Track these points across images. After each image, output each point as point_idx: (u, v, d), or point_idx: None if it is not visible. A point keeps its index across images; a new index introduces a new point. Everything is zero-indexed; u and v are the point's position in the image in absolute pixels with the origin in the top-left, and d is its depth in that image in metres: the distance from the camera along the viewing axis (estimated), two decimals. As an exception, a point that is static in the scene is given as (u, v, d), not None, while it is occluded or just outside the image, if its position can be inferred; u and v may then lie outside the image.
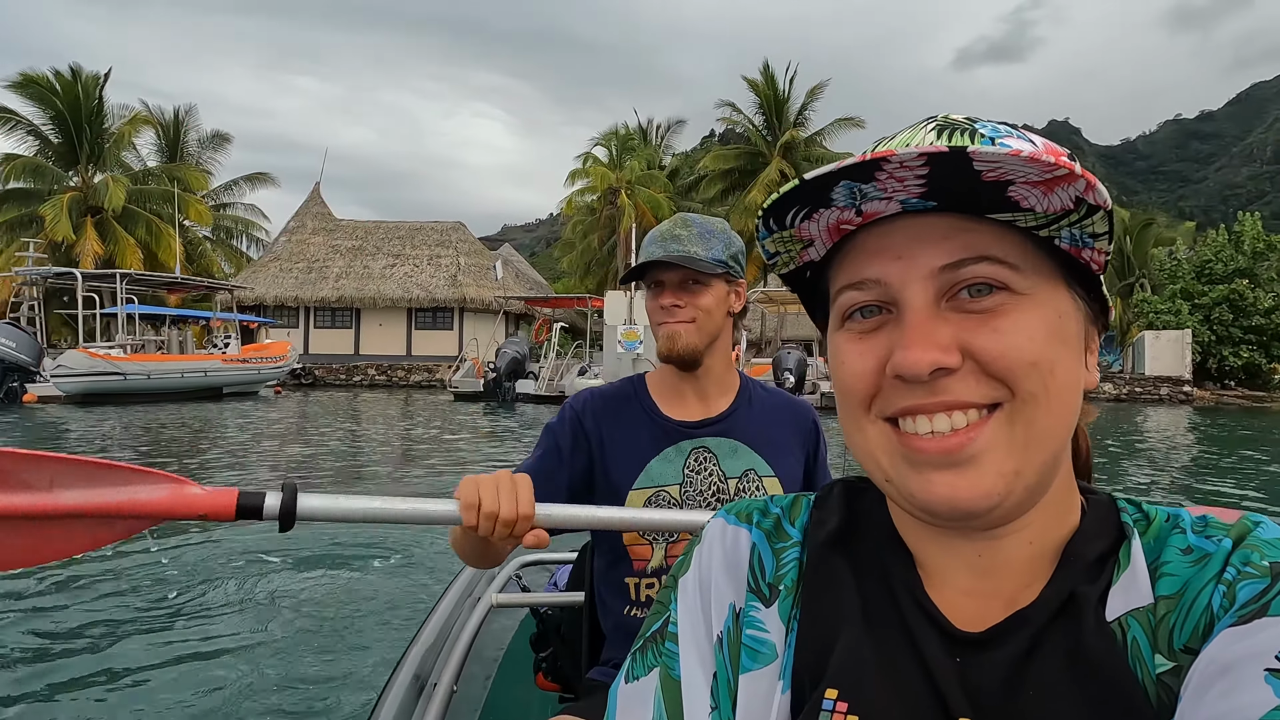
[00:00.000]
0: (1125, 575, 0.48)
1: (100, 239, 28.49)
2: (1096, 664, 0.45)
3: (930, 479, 0.47)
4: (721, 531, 0.60)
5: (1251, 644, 0.40)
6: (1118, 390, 26.81)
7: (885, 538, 0.55)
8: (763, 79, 35.75)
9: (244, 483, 6.53)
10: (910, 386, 0.47)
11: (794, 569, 0.56)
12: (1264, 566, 0.43)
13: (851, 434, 0.52)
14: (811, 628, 0.53)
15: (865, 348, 0.50)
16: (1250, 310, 27.17)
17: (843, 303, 0.51)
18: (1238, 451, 12.50)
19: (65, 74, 29.87)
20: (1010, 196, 0.45)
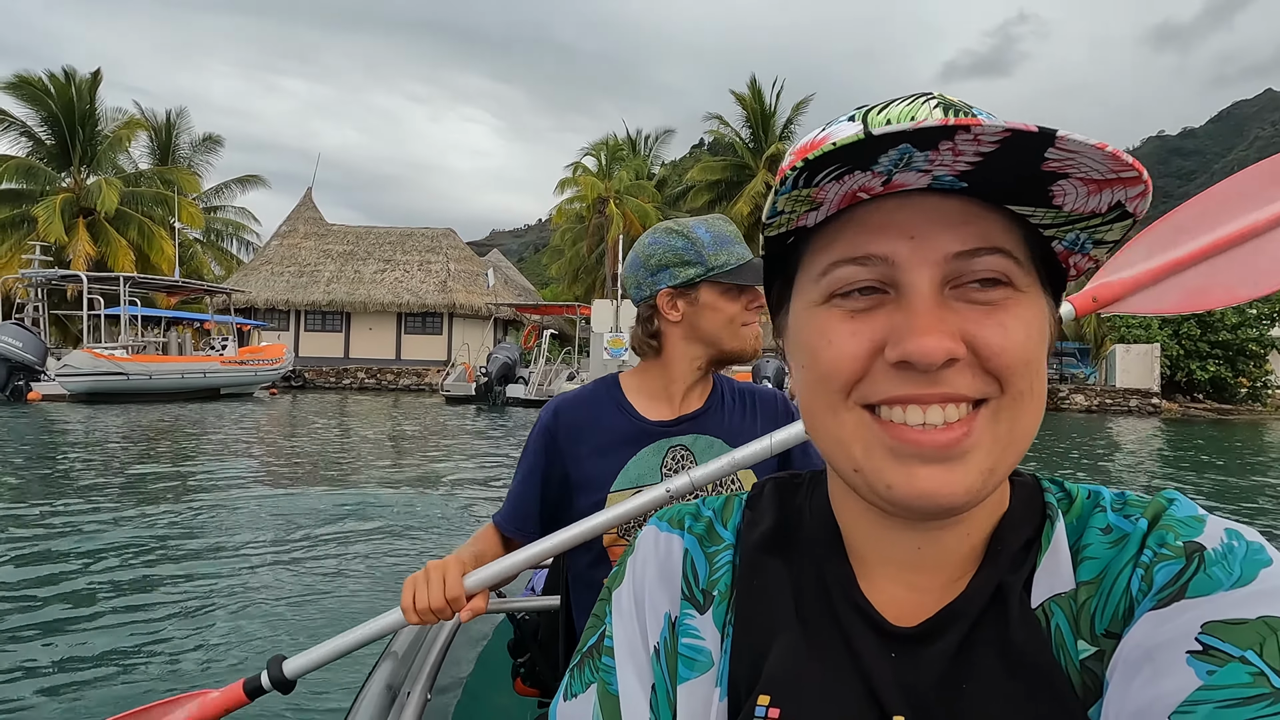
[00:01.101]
0: (1047, 560, 0.48)
1: (92, 240, 28.72)
2: (1024, 654, 0.45)
3: (914, 472, 0.45)
4: (654, 539, 0.59)
5: (1172, 628, 0.40)
6: (1089, 401, 27.63)
7: (819, 535, 0.55)
8: (750, 93, 36.47)
9: (259, 478, 7.04)
10: (907, 375, 0.45)
11: (727, 573, 0.56)
12: (1178, 547, 0.43)
13: (822, 419, 0.48)
14: (746, 633, 0.52)
15: (859, 328, 0.46)
16: (1217, 326, 28.04)
17: (838, 277, 0.46)
18: (1191, 457, 13.17)
19: (59, 76, 30.14)
20: (1051, 190, 0.43)
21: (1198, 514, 0.46)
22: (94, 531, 5.79)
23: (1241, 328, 27.86)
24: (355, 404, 22.23)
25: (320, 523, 6.35)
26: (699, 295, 1.43)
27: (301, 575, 4.93)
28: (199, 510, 6.75)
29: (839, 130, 0.45)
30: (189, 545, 5.56)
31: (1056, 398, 28.45)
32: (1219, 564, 0.42)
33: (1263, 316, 28.29)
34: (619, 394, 1.48)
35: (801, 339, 0.50)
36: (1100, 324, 33.58)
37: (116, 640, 3.78)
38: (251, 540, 5.71)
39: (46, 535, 5.65)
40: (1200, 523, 0.45)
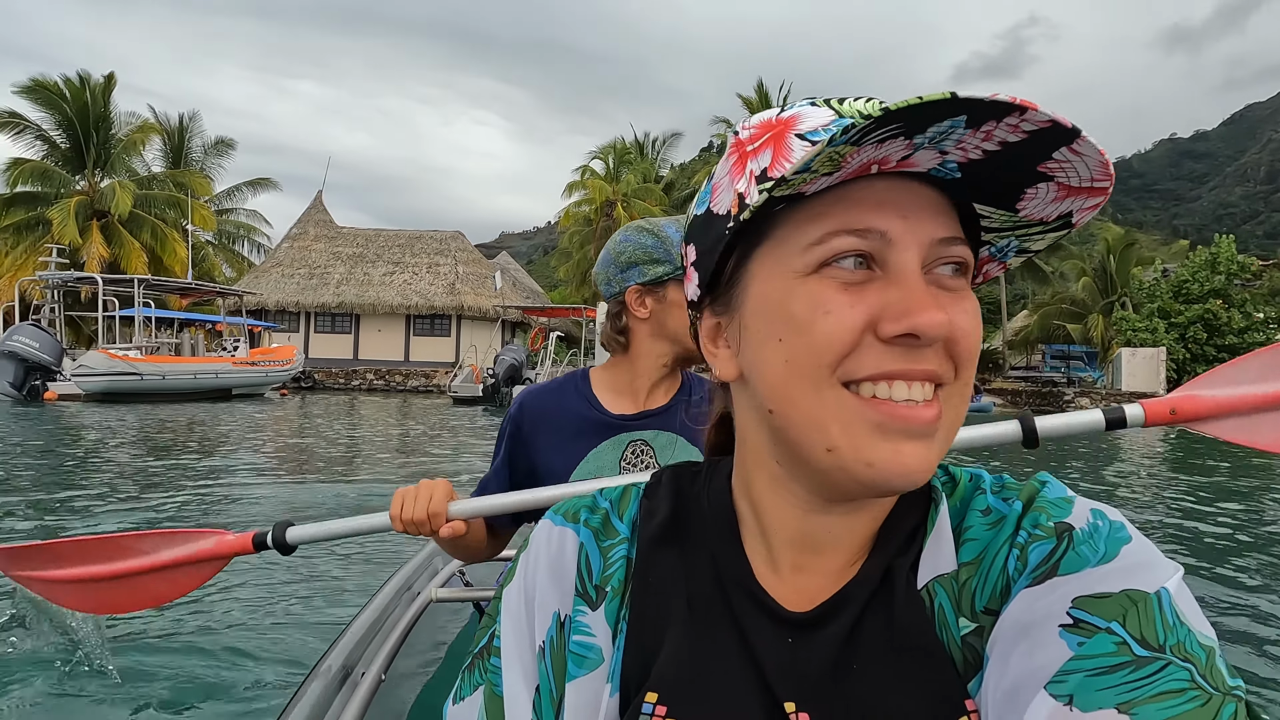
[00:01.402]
0: (931, 542, 0.49)
1: (106, 243, 29.14)
2: (909, 635, 0.46)
3: (900, 448, 0.45)
4: (548, 535, 0.58)
5: (1045, 604, 0.42)
6: (1094, 405, 27.61)
7: (715, 525, 0.56)
8: (756, 97, 36.63)
9: (269, 473, 7.25)
10: (897, 350, 0.45)
11: (621, 568, 0.56)
12: (1050, 528, 0.45)
13: (802, 396, 0.47)
14: (639, 629, 0.52)
15: (855, 300, 0.45)
16: (1224, 330, 27.99)
17: (834, 246, 0.46)
18: (1183, 460, 13.24)
19: (74, 80, 30.60)
20: (1026, 192, 0.46)
21: (1067, 495, 0.49)
22: (111, 518, 6.01)
23: (1248, 331, 27.81)
24: (364, 404, 22.48)
25: (327, 513, 6.54)
26: (667, 293, 1.45)
27: (309, 560, 5.11)
28: (210, 501, 6.97)
29: (844, 108, 0.47)
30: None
31: (1061, 401, 28.47)
32: (1086, 542, 0.44)
33: (1270, 320, 28.24)
34: (586, 387, 1.51)
35: (787, 310, 0.47)
36: (1107, 327, 33.58)
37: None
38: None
39: (65, 525, 5.87)
40: (1069, 504, 0.48)
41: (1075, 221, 0.48)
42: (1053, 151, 0.42)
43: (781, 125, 0.49)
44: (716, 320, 0.54)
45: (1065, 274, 40.44)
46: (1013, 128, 0.41)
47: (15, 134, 30.42)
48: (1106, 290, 36.45)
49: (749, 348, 0.50)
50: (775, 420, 0.49)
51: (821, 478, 0.49)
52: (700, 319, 0.56)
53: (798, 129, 0.48)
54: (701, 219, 0.53)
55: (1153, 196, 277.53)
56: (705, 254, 0.53)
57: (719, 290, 0.53)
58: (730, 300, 0.52)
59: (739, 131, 0.52)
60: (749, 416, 0.54)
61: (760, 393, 0.50)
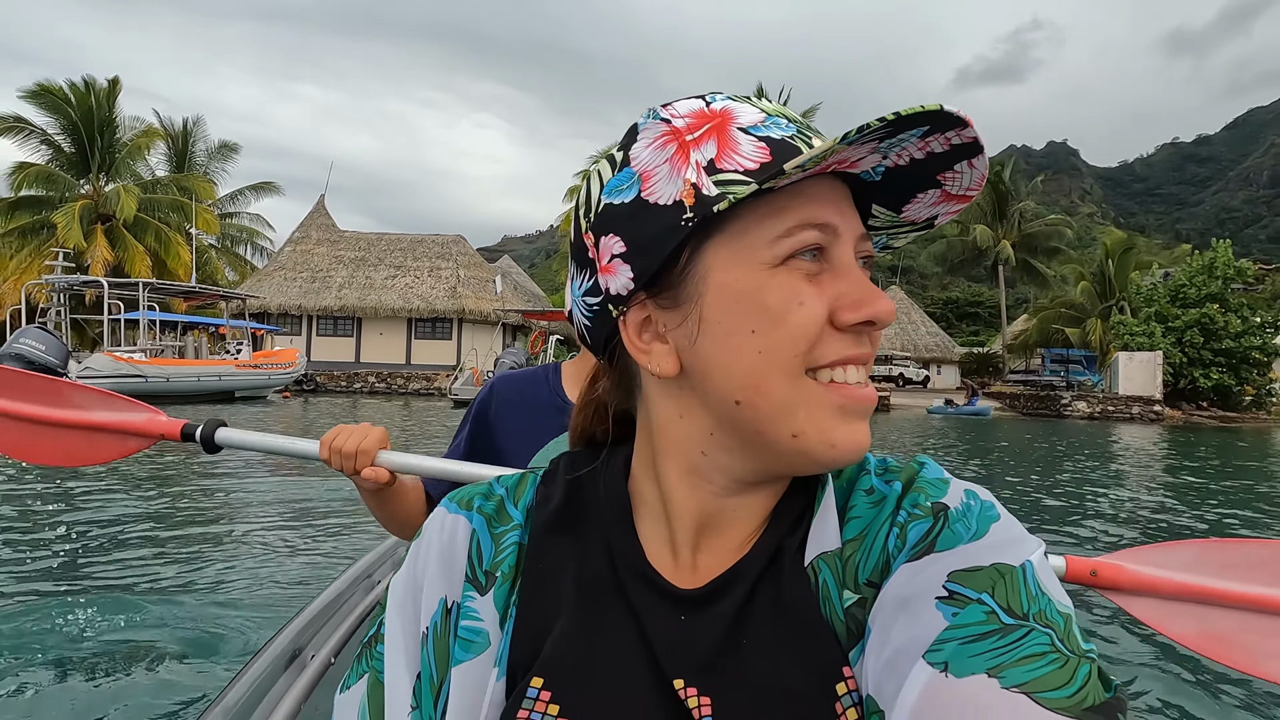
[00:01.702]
0: (817, 521, 0.52)
1: (110, 246, 29.39)
2: (794, 609, 0.49)
3: (856, 428, 0.49)
4: (440, 522, 0.59)
5: (924, 578, 0.45)
6: (1091, 409, 27.77)
7: (609, 509, 0.57)
8: (757, 102, 36.85)
9: (270, 469, 7.38)
10: (852, 337, 0.49)
11: (512, 553, 0.56)
12: (928, 507, 0.49)
13: (777, 386, 0.48)
14: (529, 613, 0.53)
15: (820, 291, 0.48)
16: (1221, 334, 28.11)
17: (802, 239, 0.48)
18: (1178, 463, 13.38)
19: (79, 85, 30.89)
20: (917, 196, 0.51)
21: (944, 476, 0.52)
22: (115, 510, 6.18)
23: (1245, 335, 27.93)
24: (365, 407, 22.68)
25: (328, 507, 6.72)
26: None
27: (268, 546, 5.24)
28: (211, 494, 7.15)
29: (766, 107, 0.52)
30: (201, 523, 5.94)
31: (1059, 404, 28.60)
32: (960, 521, 0.47)
33: (1266, 325, 28.34)
34: (556, 379, 1.52)
35: (761, 302, 0.48)
36: (1105, 331, 33.70)
37: (131, 609, 4.01)
38: (259, 526, 6.08)
39: (71, 518, 6.04)
40: (945, 484, 0.51)
41: (936, 223, 0.53)
42: (956, 163, 0.47)
43: (719, 117, 0.50)
44: (647, 315, 0.53)
45: (1065, 278, 40.57)
46: (946, 141, 0.45)
47: (21, 138, 30.70)
48: (1105, 294, 36.59)
49: (710, 341, 0.50)
50: (742, 411, 0.50)
51: (776, 461, 0.51)
52: (625, 313, 0.53)
53: (738, 122, 0.49)
54: (629, 208, 0.51)
55: (1155, 201, 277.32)
56: (648, 245, 0.50)
57: (665, 283, 0.52)
58: (681, 293, 0.51)
59: (668, 119, 0.51)
60: (679, 408, 0.54)
61: (722, 385, 0.50)
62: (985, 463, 12.67)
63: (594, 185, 0.54)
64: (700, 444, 0.53)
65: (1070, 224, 46.52)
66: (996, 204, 42.11)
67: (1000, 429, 21.46)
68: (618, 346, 0.56)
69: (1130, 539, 6.15)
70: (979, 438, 17.78)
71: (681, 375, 0.52)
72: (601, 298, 0.54)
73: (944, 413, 28.23)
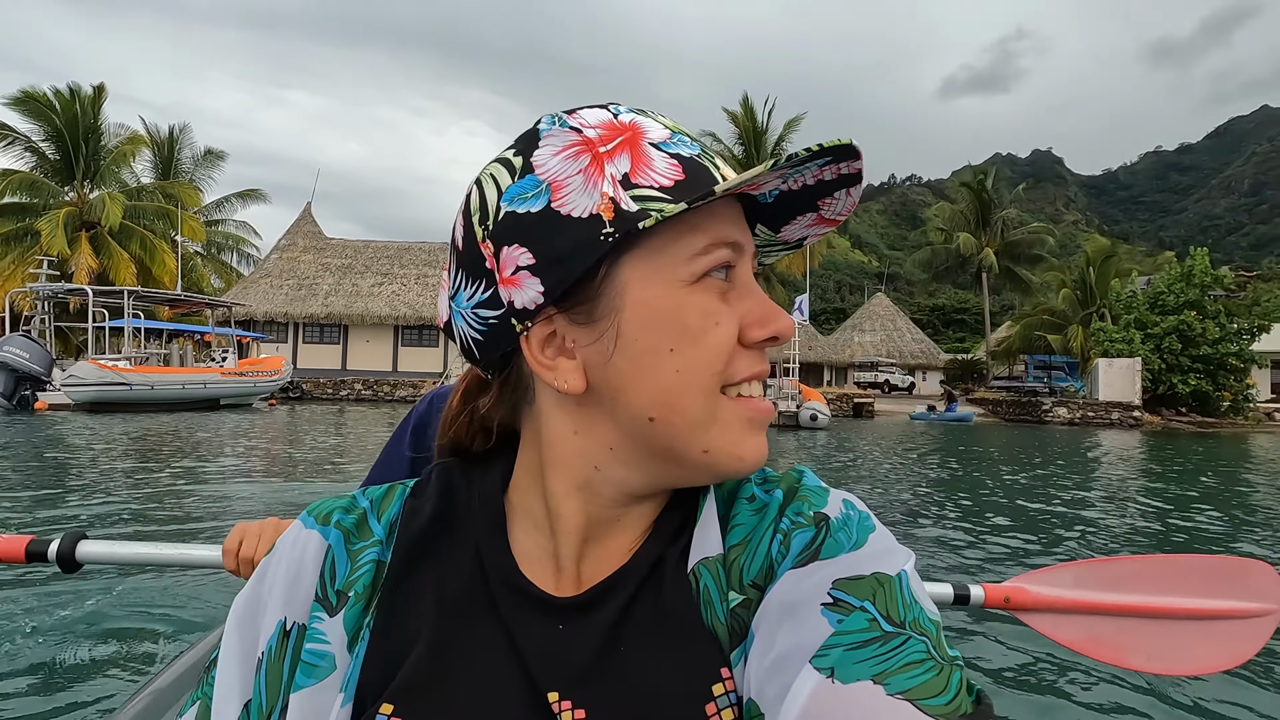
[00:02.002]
0: (700, 529, 0.52)
1: (94, 253, 29.34)
2: (675, 614, 0.49)
3: (760, 441, 0.51)
4: (293, 539, 0.55)
5: (809, 585, 0.46)
6: (1071, 414, 28.11)
7: (482, 522, 0.55)
8: (742, 111, 37.18)
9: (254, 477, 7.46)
10: (753, 353, 0.51)
11: (369, 571, 0.53)
12: (810, 516, 0.50)
13: (694, 404, 0.49)
14: (386, 635, 0.50)
15: (731, 310, 0.50)
16: (1199, 340, 28.52)
17: (717, 257, 0.49)
18: (1145, 466, 13.62)
19: (64, 91, 30.86)
20: (796, 218, 0.53)
21: (822, 486, 0.54)
22: (99, 523, 6.26)
23: (1222, 342, 28.35)
24: (351, 414, 22.71)
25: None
26: None
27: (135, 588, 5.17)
28: (196, 503, 7.23)
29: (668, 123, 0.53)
30: (186, 533, 6.01)
31: (1040, 410, 28.92)
32: (842, 530, 0.49)
33: (1243, 331, 28.78)
34: None
35: (680, 320, 0.49)
36: (1087, 338, 34.12)
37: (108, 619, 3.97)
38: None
39: (54, 529, 6.12)
40: (825, 493, 0.53)
41: (804, 244, 0.56)
42: (835, 190, 0.49)
43: (630, 131, 0.50)
44: (553, 330, 0.51)
45: (1048, 285, 41.05)
46: (837, 170, 0.47)
47: (4, 145, 30.62)
48: (1086, 301, 37.05)
49: (626, 358, 0.49)
50: (655, 428, 0.50)
51: (678, 475, 0.52)
52: (530, 328, 0.51)
53: (649, 138, 0.50)
54: (538, 218, 0.48)
55: (1139, 208, 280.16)
56: (563, 259, 0.48)
57: (579, 298, 0.50)
58: (596, 309, 0.50)
59: (578, 128, 0.51)
60: (575, 424, 0.53)
61: (636, 403, 0.50)
62: (965, 466, 12.86)
63: (489, 190, 0.51)
64: (595, 459, 0.53)
65: (1052, 232, 47.03)
66: (980, 212, 42.60)
67: (981, 435, 21.72)
68: (512, 361, 0.55)
69: (1066, 550, 6.34)
70: (958, 443, 18.01)
71: (587, 392, 0.51)
72: (502, 311, 0.51)
73: (927, 419, 28.50)
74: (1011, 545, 6.33)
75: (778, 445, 16.12)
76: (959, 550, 6.04)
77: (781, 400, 22.54)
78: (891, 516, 7.50)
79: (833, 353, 45.73)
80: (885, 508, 8.05)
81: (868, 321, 48.32)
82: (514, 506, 0.57)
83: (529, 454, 0.56)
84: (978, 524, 7.28)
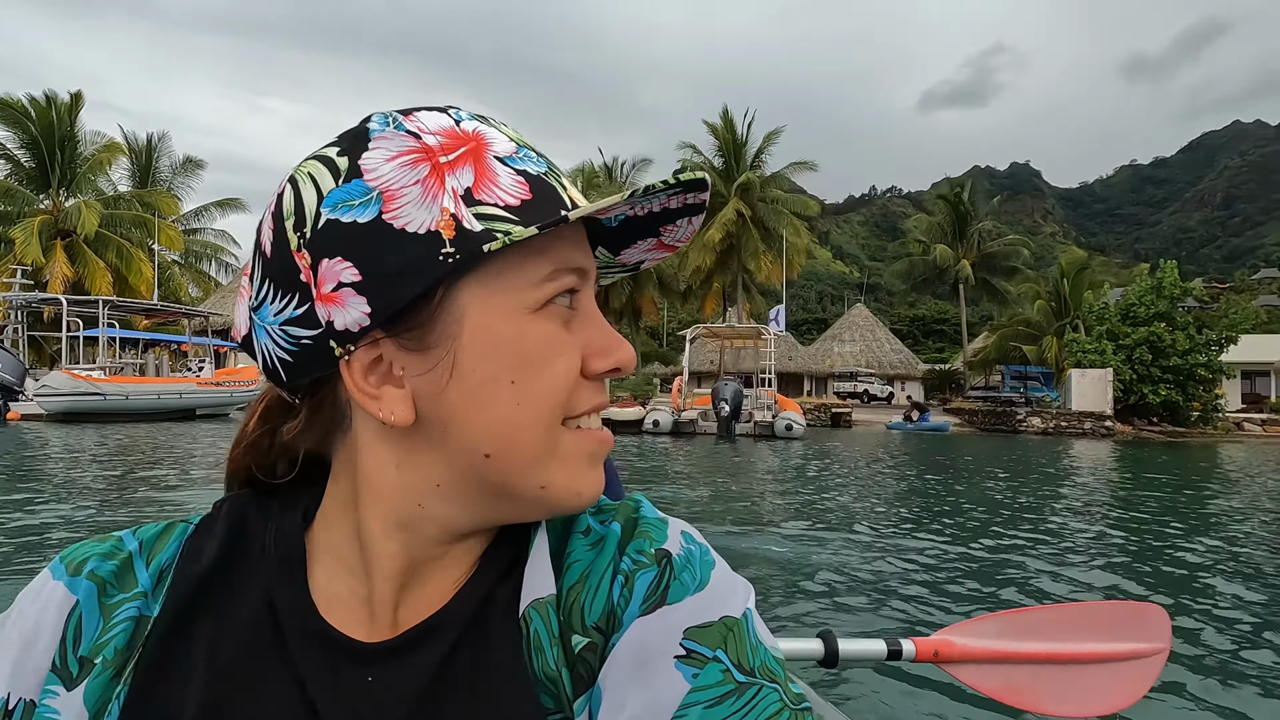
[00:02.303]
0: (530, 567, 0.48)
1: (70, 262, 29.09)
2: (500, 663, 0.45)
3: (599, 474, 0.49)
4: (35, 594, 0.48)
5: (658, 636, 0.43)
6: (1045, 424, 28.50)
7: (276, 564, 0.48)
8: (722, 123, 37.51)
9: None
10: (594, 384, 0.48)
11: (126, 630, 0.46)
12: (651, 554, 0.47)
13: (534, 439, 0.46)
14: (142, 706, 0.43)
15: (574, 339, 0.47)
16: (1169, 351, 29.01)
17: (564, 283, 0.46)
18: (1108, 474, 13.89)
19: (40, 99, 30.65)
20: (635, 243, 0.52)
21: (661, 517, 0.51)
22: (70, 534, 6.27)
23: (1191, 353, 28.85)
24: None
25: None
26: None
27: None
28: (160, 513, 7.23)
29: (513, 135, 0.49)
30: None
31: (1015, 420, 29.29)
32: (685, 569, 0.46)
33: (1211, 343, 29.32)
34: None
35: (522, 350, 0.45)
36: (1061, 349, 34.61)
37: None
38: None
39: (24, 542, 6.13)
40: (664, 525, 0.50)
41: (641, 268, 0.55)
42: (679, 219, 0.48)
43: (474, 141, 0.46)
44: (379, 355, 0.45)
45: (1025, 296, 41.62)
46: (683, 199, 0.46)
47: (-21, 152, 30.35)
48: (1060, 312, 37.58)
49: (462, 390, 0.45)
50: (490, 464, 0.46)
51: (510, 511, 0.49)
52: (352, 352, 0.45)
53: (494, 150, 0.46)
54: (366, 230, 0.43)
55: (1115, 220, 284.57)
56: (395, 278, 0.43)
57: (411, 322, 0.44)
58: (431, 335, 0.45)
59: (416, 132, 0.45)
60: (398, 458, 0.47)
61: (471, 437, 0.45)
62: (927, 480, 13.05)
63: (307, 192, 0.45)
64: (419, 495, 0.48)
65: (1027, 244, 47.69)
66: (957, 224, 43.13)
67: (954, 445, 22.00)
68: (327, 384, 0.49)
69: (1008, 577, 6.50)
70: (931, 453, 18.24)
71: (416, 424, 0.46)
72: (319, 331, 0.45)
73: (903, 428, 28.77)
74: (958, 573, 6.47)
75: (752, 453, 16.28)
76: (908, 574, 6.17)
77: (758, 410, 22.71)
78: (843, 526, 7.64)
79: (813, 363, 46.09)
80: (845, 518, 8.18)
81: (847, 332, 48.77)
82: (318, 544, 0.50)
83: (341, 486, 0.50)
84: (933, 545, 7.44)
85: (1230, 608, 4.89)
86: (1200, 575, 5.79)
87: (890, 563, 5.81)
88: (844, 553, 6.13)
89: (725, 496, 9.95)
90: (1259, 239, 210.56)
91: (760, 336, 25.93)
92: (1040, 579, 5.50)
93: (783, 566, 5.65)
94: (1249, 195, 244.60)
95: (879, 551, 6.21)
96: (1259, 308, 53.36)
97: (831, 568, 5.57)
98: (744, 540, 6.54)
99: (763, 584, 5.07)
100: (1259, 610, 4.86)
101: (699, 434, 22.06)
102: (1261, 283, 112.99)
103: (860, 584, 5.18)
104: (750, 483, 11.81)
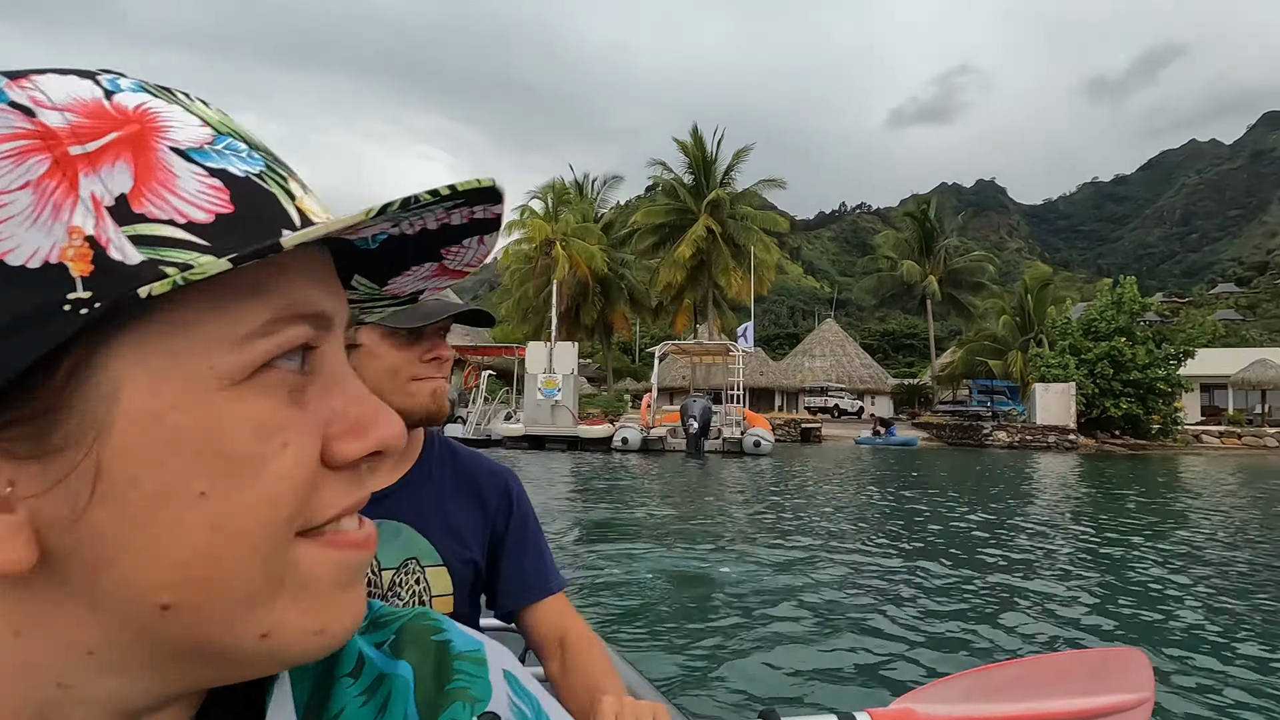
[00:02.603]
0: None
1: None
2: None
3: (356, 595, 0.33)
4: None
5: None
6: (1010, 438, 28.87)
7: None
8: (692, 141, 37.76)
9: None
10: (345, 475, 0.33)
11: None
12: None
13: (244, 573, 0.30)
14: None
15: (308, 420, 0.31)
16: (1129, 365, 29.59)
17: (285, 338, 0.30)
18: (1071, 487, 14.05)
19: None
20: (411, 269, 0.37)
21: (477, 649, 0.40)
22: None
23: (1151, 367, 29.43)
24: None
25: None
26: (357, 336, 1.13)
27: None
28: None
29: (209, 116, 0.32)
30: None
31: (981, 434, 29.63)
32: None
33: (1170, 357, 29.94)
34: None
35: (217, 444, 0.29)
36: (1025, 364, 35.12)
37: None
38: None
39: None
40: (483, 666, 0.39)
41: (421, 298, 0.41)
42: (465, 238, 0.35)
43: (138, 124, 0.29)
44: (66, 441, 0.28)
45: (990, 311, 42.26)
46: (469, 214, 0.33)
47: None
48: (1025, 327, 38.18)
49: (116, 511, 0.28)
50: (170, 618, 0.29)
51: (213, 674, 0.32)
52: None
53: (173, 139, 0.30)
54: None
55: (1078, 237, 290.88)
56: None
57: (22, 411, 0.27)
58: (56, 431, 0.28)
59: (29, 107, 0.28)
60: (16, 622, 0.29)
61: (137, 581, 0.29)
62: (888, 496, 13.08)
63: None
64: (59, 673, 0.30)
65: (993, 259, 48.49)
66: (924, 241, 43.76)
67: (920, 460, 22.14)
68: None
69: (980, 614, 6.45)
70: (901, 469, 18.34)
71: (40, 568, 0.28)
72: None
73: (871, 443, 28.96)
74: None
75: (718, 471, 16.24)
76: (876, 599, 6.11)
77: (726, 427, 22.71)
78: (814, 544, 7.59)
79: (784, 378, 46.28)
80: (818, 535, 8.14)
81: (818, 347, 49.15)
82: None
83: None
84: (899, 561, 7.41)
85: (1212, 642, 4.71)
86: (1176, 607, 5.62)
87: (848, 615, 5.30)
88: (799, 594, 5.81)
89: (686, 516, 9.90)
90: (1216, 254, 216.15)
91: (729, 353, 26.01)
92: (1008, 615, 5.27)
93: (730, 604, 5.22)
94: (1206, 212, 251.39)
95: (832, 599, 5.68)
96: (1216, 322, 54.64)
97: (782, 614, 5.15)
98: (694, 562, 6.45)
99: (709, 629, 4.86)
100: (1243, 636, 4.79)
101: (668, 451, 22.01)
102: (1219, 297, 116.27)
103: (811, 635, 4.81)
104: (711, 501, 11.78)
